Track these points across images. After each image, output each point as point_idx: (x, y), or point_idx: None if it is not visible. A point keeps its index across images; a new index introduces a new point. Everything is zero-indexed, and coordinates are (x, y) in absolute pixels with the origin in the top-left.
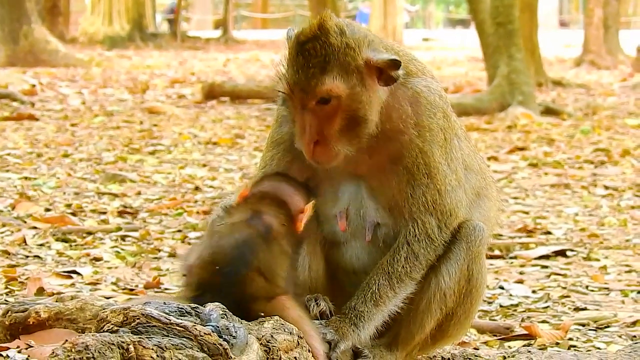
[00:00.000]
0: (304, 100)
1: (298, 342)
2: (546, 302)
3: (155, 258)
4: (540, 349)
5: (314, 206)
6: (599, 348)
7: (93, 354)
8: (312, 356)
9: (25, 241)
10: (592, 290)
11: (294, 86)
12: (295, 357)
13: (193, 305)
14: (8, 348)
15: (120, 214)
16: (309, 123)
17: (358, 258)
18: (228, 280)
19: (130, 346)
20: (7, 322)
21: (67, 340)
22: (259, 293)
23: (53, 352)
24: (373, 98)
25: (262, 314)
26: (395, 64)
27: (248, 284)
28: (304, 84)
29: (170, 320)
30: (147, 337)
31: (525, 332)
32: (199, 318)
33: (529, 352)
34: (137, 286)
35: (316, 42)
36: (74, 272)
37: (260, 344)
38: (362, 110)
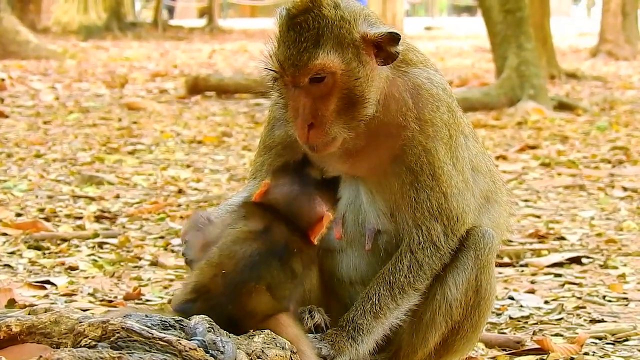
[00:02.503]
0: (296, 77)
1: (291, 357)
2: (560, 313)
3: (136, 267)
4: None
5: (334, 213)
6: None
7: None
8: None
9: None
10: (610, 301)
11: (285, 63)
12: None
13: (177, 318)
14: None
15: (98, 219)
16: (302, 104)
17: (355, 268)
18: (231, 290)
19: None
20: None
21: (41, 356)
22: (260, 309)
23: None
24: (371, 76)
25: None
26: (394, 38)
27: (252, 298)
28: (295, 59)
29: (152, 334)
30: (127, 353)
31: (537, 346)
32: (184, 332)
33: None
34: (116, 297)
35: (308, 14)
36: (48, 282)
37: (250, 359)
38: (359, 88)
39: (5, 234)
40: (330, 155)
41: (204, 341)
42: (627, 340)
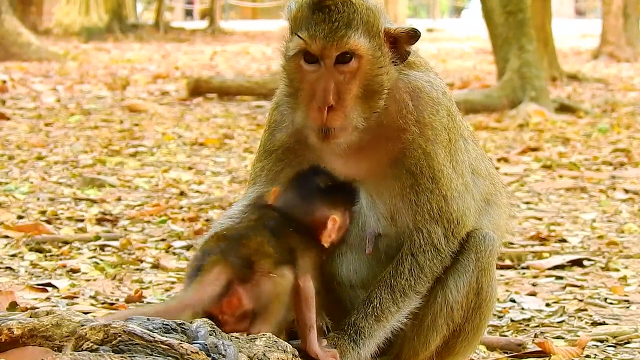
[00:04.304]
0: (326, 50)
1: None
2: (561, 316)
3: (137, 269)
4: None
5: (342, 217)
6: None
7: None
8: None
9: None
10: (611, 303)
11: (316, 35)
12: None
13: (179, 321)
14: None
15: (99, 221)
16: (323, 85)
17: (356, 271)
18: (232, 240)
19: None
20: None
21: None
22: (271, 250)
23: None
24: (388, 70)
25: (272, 275)
26: (414, 35)
27: (253, 244)
28: (328, 33)
29: (154, 337)
30: (129, 356)
31: (538, 348)
32: (186, 335)
33: None
34: (117, 300)
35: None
36: (49, 284)
37: None
38: (380, 78)
39: (6, 237)
40: (333, 152)
41: (206, 344)
42: (628, 342)
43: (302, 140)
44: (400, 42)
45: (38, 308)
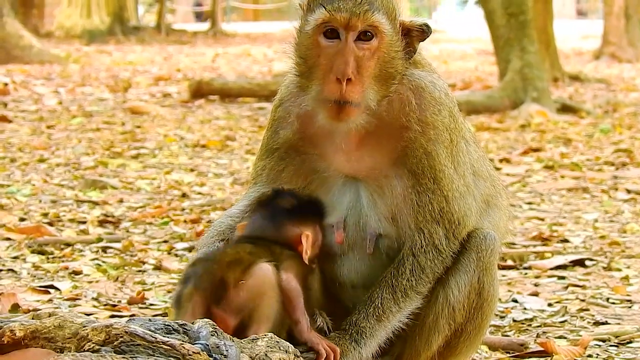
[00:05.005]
0: (351, 22)
1: None
2: (563, 316)
3: (140, 271)
4: None
5: (314, 232)
6: None
7: None
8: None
9: None
10: (613, 303)
11: (339, 10)
12: None
13: (180, 322)
14: None
15: (101, 223)
16: (344, 58)
17: (357, 272)
18: (207, 261)
19: None
20: None
21: None
22: (235, 262)
23: None
24: (401, 59)
25: (242, 281)
26: (427, 31)
27: (227, 257)
28: (354, 6)
29: (156, 338)
30: (131, 357)
31: (540, 348)
32: (187, 336)
33: None
34: (119, 302)
35: None
36: (52, 286)
37: None
38: (395, 62)
39: (9, 239)
40: (341, 134)
41: (208, 345)
42: (630, 342)
43: (307, 136)
44: (412, 36)
45: (40, 310)
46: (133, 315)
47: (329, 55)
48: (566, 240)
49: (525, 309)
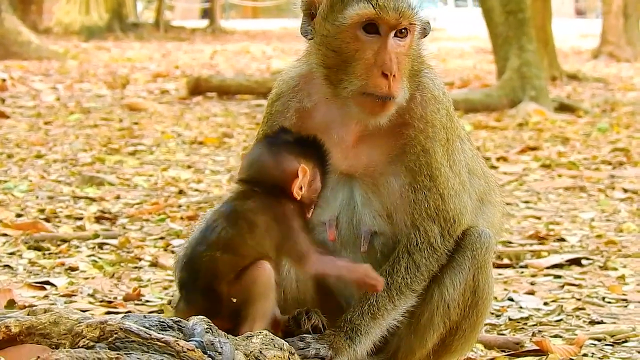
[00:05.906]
0: (396, 20)
1: (289, 358)
2: (559, 314)
3: (136, 268)
4: None
5: (312, 167)
6: None
7: None
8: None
9: None
10: (609, 302)
11: (386, 7)
12: None
13: (175, 318)
14: None
15: (98, 219)
16: (387, 54)
17: None
18: (191, 266)
19: None
20: None
21: (39, 357)
22: (226, 269)
23: None
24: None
25: (234, 300)
26: (429, 27)
27: (212, 263)
28: (398, 5)
29: (150, 334)
30: (125, 353)
31: (536, 347)
32: (182, 332)
33: None
34: (115, 298)
35: None
36: (48, 282)
37: None
38: (422, 59)
39: (5, 235)
40: (373, 122)
41: (202, 342)
42: (626, 341)
43: (304, 132)
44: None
45: (36, 306)
46: (129, 311)
47: (369, 50)
48: (563, 239)
49: (521, 307)
